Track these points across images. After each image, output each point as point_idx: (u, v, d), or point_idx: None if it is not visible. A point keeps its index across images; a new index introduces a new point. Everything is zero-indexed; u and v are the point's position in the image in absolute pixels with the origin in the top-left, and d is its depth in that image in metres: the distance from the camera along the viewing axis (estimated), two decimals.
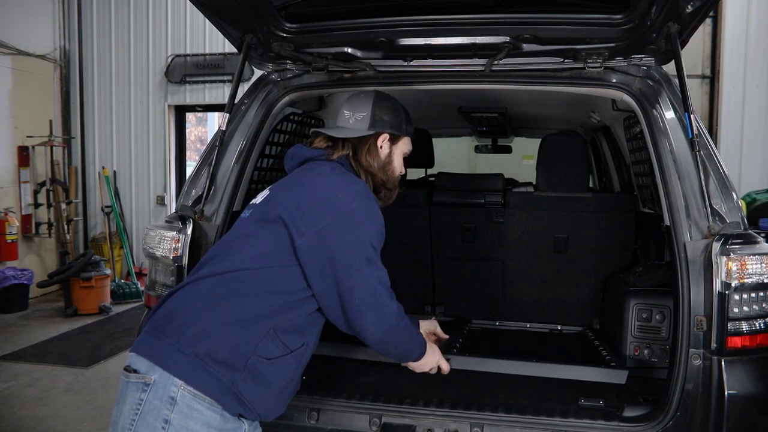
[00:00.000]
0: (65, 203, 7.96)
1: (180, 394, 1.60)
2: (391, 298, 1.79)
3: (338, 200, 1.77)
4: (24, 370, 5.10)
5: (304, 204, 1.76)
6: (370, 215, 1.80)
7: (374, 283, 1.75)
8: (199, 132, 15.36)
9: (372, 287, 1.74)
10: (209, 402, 1.62)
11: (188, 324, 1.66)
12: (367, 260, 1.75)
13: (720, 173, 2.13)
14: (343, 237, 1.73)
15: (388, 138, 2.03)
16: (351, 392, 2.23)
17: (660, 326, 2.55)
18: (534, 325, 3.37)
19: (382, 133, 2.01)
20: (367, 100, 2.04)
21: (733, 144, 7.02)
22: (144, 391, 1.61)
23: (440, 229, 3.42)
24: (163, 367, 1.62)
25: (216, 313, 1.67)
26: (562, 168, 3.27)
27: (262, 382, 1.68)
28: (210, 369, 1.62)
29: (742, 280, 1.92)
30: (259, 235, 1.77)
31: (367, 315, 1.74)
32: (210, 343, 1.63)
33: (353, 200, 1.78)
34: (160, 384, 1.61)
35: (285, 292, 1.73)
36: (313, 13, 2.43)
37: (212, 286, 1.72)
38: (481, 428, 2.07)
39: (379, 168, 2.00)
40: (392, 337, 1.80)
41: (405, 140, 2.09)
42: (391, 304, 1.78)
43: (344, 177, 1.87)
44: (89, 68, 8.52)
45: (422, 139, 4.52)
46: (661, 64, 2.38)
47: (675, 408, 1.97)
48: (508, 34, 2.30)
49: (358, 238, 1.75)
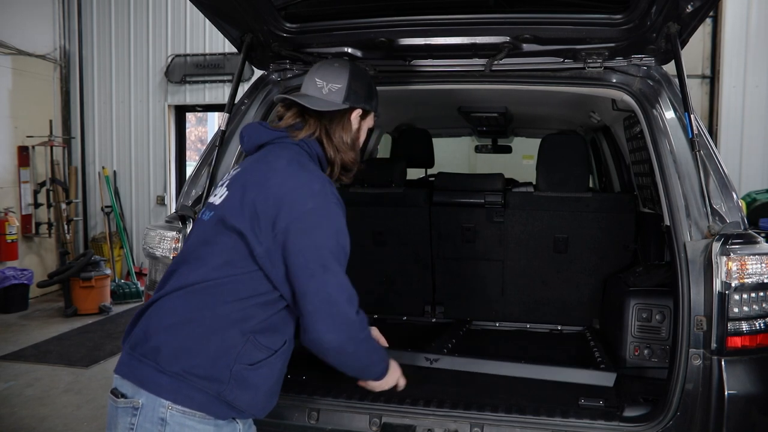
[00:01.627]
0: (65, 203, 7.96)
1: (169, 413, 1.60)
2: (350, 305, 1.68)
3: (293, 202, 1.67)
4: (24, 370, 5.10)
5: (260, 210, 1.66)
6: (326, 217, 1.69)
7: (330, 289, 1.66)
8: (199, 132, 15.36)
9: (326, 294, 1.65)
10: (200, 416, 1.62)
11: (164, 344, 1.63)
12: (321, 266, 1.65)
13: (720, 173, 2.13)
14: (297, 241, 1.64)
15: (360, 113, 1.93)
16: (351, 392, 2.23)
17: (660, 326, 2.55)
18: (534, 326, 3.37)
19: (357, 108, 1.91)
20: (343, 70, 1.91)
21: (733, 144, 7.02)
22: (134, 415, 1.61)
23: (440, 229, 3.42)
24: (149, 389, 1.62)
25: (190, 329, 1.64)
26: (562, 168, 3.27)
27: (250, 388, 1.66)
28: (195, 385, 1.61)
29: (742, 280, 1.92)
30: (219, 242, 1.70)
31: (321, 322, 1.65)
32: (190, 359, 1.61)
33: (308, 201, 1.67)
34: (148, 407, 1.61)
35: (255, 295, 1.68)
36: (313, 13, 2.42)
37: (182, 300, 1.67)
38: (481, 428, 2.06)
39: (349, 145, 1.91)
40: (350, 347, 1.70)
41: (371, 116, 2.00)
42: (349, 311, 1.67)
43: (301, 174, 1.74)
44: (89, 68, 8.52)
45: (422, 139, 4.53)
46: (661, 64, 2.38)
47: (675, 408, 1.97)
48: (508, 34, 2.30)
49: (313, 242, 1.65)
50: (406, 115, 4.57)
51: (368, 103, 1.95)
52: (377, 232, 3.45)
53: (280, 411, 2.15)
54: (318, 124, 1.87)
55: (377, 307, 3.55)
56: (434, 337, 2.95)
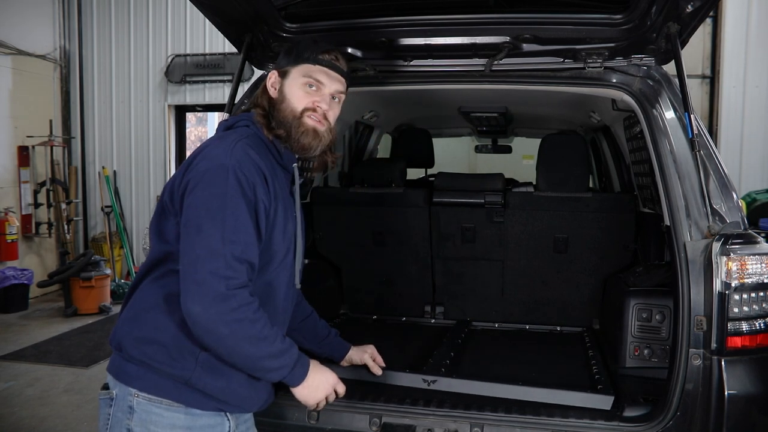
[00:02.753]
0: (65, 203, 7.96)
1: (136, 401, 1.61)
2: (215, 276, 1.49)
3: (192, 166, 1.63)
4: (24, 370, 5.10)
5: (176, 182, 1.64)
6: (214, 176, 1.56)
7: (198, 251, 1.51)
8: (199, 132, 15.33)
9: (193, 256, 1.51)
10: (167, 403, 1.61)
11: (128, 334, 1.65)
12: (196, 226, 1.53)
13: (720, 173, 2.13)
14: (186, 200, 1.58)
15: (278, 74, 1.82)
16: (351, 392, 2.23)
17: (660, 326, 2.55)
18: (534, 327, 3.37)
19: (269, 72, 1.85)
20: None
21: (733, 144, 7.02)
22: (110, 406, 1.64)
23: (440, 229, 3.41)
24: (120, 379, 1.64)
25: (151, 316, 1.64)
26: (562, 168, 3.27)
27: (221, 375, 1.63)
28: (161, 371, 1.60)
29: (742, 280, 1.92)
30: (167, 226, 1.67)
31: (185, 290, 1.50)
32: (152, 345, 1.61)
33: (203, 163, 1.61)
34: (120, 396, 1.63)
35: None
36: (313, 13, 2.43)
37: (146, 288, 1.69)
38: (481, 428, 2.06)
39: (272, 109, 1.78)
40: (222, 328, 1.49)
41: (299, 68, 1.79)
42: (212, 281, 1.48)
43: (212, 142, 1.70)
44: (89, 68, 8.52)
45: (422, 139, 4.54)
46: (661, 64, 2.38)
47: (675, 408, 1.97)
48: (508, 34, 2.30)
49: (194, 200, 1.56)
50: (406, 115, 4.57)
51: (284, 61, 1.83)
52: (377, 232, 3.45)
53: (280, 411, 2.15)
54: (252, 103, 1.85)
55: (377, 308, 3.55)
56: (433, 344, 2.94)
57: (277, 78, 1.82)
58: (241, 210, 1.56)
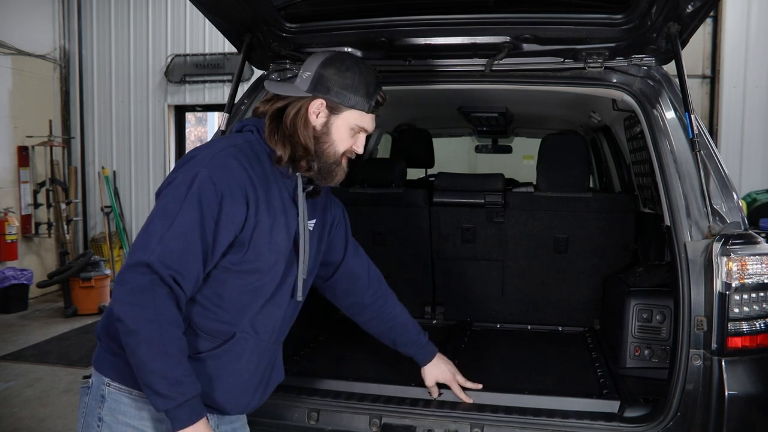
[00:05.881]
0: (65, 203, 7.96)
1: (107, 391, 1.62)
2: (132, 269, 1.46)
3: (175, 167, 1.63)
4: (24, 370, 5.10)
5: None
6: (181, 183, 1.54)
7: (138, 242, 1.51)
8: (199, 132, 15.34)
9: (133, 247, 1.52)
10: (138, 394, 1.59)
11: (105, 324, 1.67)
12: (145, 225, 1.54)
13: (720, 173, 2.13)
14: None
15: (326, 105, 1.70)
16: (351, 392, 2.23)
17: (660, 326, 2.54)
18: (535, 327, 3.36)
19: (318, 98, 1.70)
20: (319, 57, 1.74)
21: (733, 144, 7.02)
22: (86, 395, 1.67)
23: (440, 229, 3.41)
24: (96, 368, 1.66)
25: None
26: (562, 168, 3.27)
27: (200, 377, 1.54)
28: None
29: (743, 281, 1.92)
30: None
31: (114, 290, 1.51)
32: None
33: (178, 166, 1.61)
34: (94, 385, 1.65)
35: None
36: (313, 13, 2.42)
37: None
38: (481, 428, 2.06)
39: (307, 138, 1.69)
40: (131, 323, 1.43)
41: (354, 113, 1.72)
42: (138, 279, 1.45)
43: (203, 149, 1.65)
44: (89, 68, 8.52)
45: (422, 139, 4.53)
46: (662, 64, 2.38)
47: (675, 408, 1.97)
48: (508, 34, 2.30)
49: (159, 201, 1.57)
50: (406, 115, 4.57)
51: (340, 97, 1.70)
52: (377, 232, 3.44)
53: (280, 411, 2.15)
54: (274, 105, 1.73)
55: None
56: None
57: (325, 110, 1.71)
58: (191, 219, 1.51)
